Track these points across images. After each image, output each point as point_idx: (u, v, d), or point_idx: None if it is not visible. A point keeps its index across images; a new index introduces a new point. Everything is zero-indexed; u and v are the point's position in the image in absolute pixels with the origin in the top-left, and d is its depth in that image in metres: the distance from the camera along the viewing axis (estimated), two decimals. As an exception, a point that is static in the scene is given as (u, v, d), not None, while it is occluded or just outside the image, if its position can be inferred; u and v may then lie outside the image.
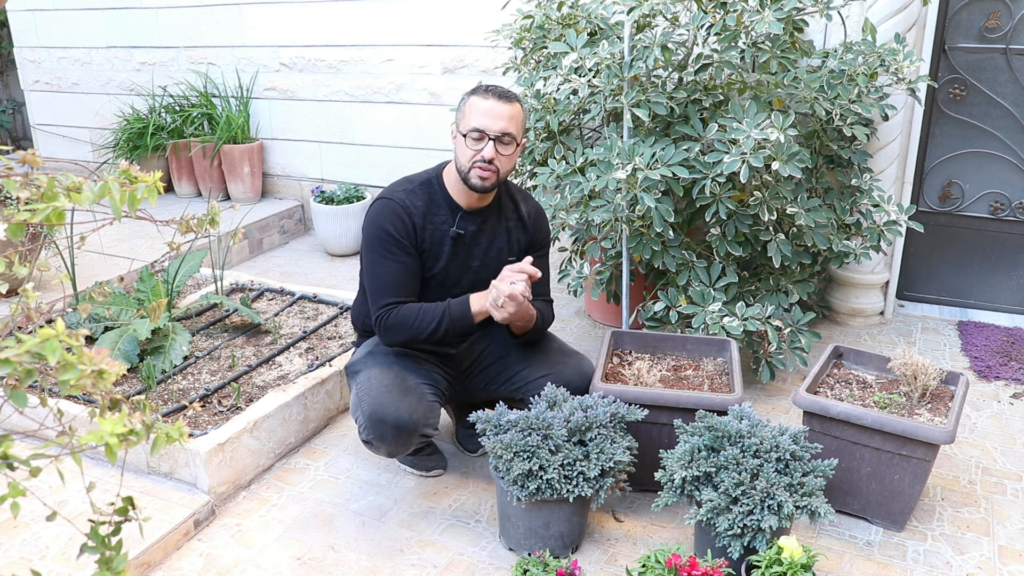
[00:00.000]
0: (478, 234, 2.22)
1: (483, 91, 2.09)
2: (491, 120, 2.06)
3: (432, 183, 2.21)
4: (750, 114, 2.47)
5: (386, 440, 2.09)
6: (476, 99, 2.08)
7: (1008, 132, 3.28)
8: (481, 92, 2.09)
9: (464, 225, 2.19)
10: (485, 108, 2.06)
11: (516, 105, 2.09)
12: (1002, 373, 2.99)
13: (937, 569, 2.02)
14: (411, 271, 2.16)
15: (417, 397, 2.12)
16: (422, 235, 2.16)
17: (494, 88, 2.10)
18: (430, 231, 2.17)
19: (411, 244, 2.15)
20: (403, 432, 2.07)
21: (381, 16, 4.25)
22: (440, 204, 2.19)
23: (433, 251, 2.19)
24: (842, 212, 2.89)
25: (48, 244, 3.21)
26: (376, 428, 2.07)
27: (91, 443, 0.86)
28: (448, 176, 2.21)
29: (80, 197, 0.86)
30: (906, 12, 3.03)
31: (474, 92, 2.11)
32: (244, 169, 4.71)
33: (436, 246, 2.18)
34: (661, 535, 2.14)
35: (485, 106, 2.06)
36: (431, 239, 2.18)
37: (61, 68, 5.36)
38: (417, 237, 2.16)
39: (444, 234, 2.18)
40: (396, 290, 2.14)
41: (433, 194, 2.20)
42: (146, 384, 2.56)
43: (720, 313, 2.59)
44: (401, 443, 2.10)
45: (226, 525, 2.19)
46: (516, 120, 2.09)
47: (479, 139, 2.07)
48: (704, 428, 1.97)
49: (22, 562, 1.96)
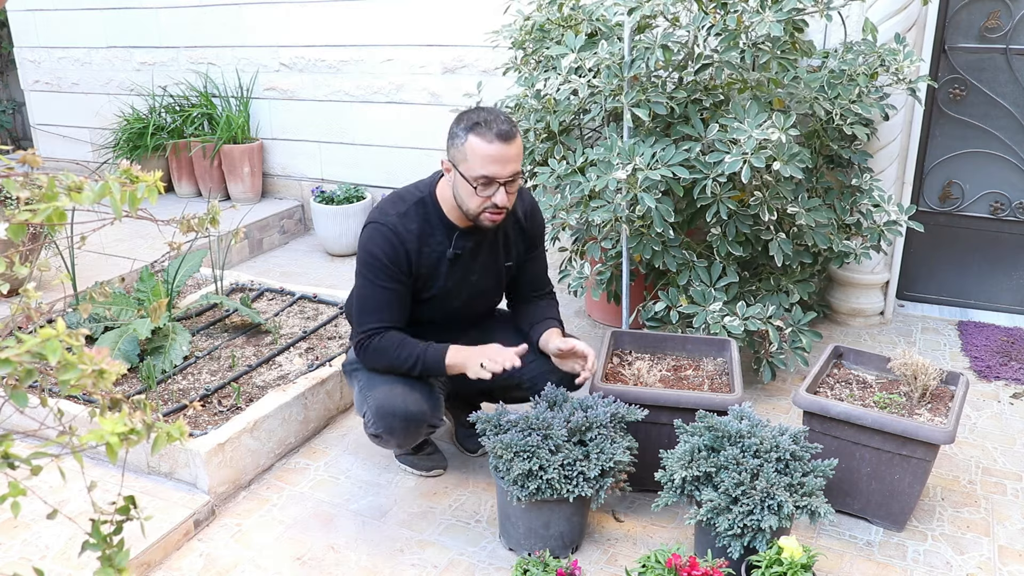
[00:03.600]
0: (476, 250, 2.17)
1: (483, 131, 1.94)
2: (500, 167, 1.96)
3: (426, 203, 2.12)
4: (751, 114, 2.47)
5: (395, 433, 2.11)
6: (478, 143, 1.94)
7: (1008, 132, 3.28)
8: (481, 133, 1.95)
9: (461, 244, 2.13)
10: (491, 155, 1.94)
11: (518, 138, 1.99)
12: (1002, 373, 2.99)
13: (937, 569, 2.02)
14: (399, 297, 2.12)
15: (422, 390, 2.14)
16: (417, 261, 2.10)
17: (493, 125, 1.95)
18: (426, 254, 2.11)
19: (403, 272, 2.09)
20: (412, 423, 2.10)
21: (381, 16, 4.25)
22: (435, 225, 2.12)
23: (430, 274, 2.14)
24: (842, 212, 2.89)
25: (48, 244, 3.21)
26: (385, 421, 2.09)
27: (92, 442, 0.86)
28: (443, 195, 2.12)
29: (81, 197, 0.86)
30: (906, 12, 3.03)
31: (472, 131, 1.96)
32: (244, 169, 4.71)
33: (433, 268, 2.13)
34: (661, 535, 2.14)
35: (491, 152, 1.94)
36: (427, 262, 2.12)
37: (61, 68, 5.36)
38: (411, 264, 2.10)
39: (440, 256, 2.13)
40: (381, 315, 2.11)
41: (428, 215, 2.12)
42: (146, 384, 2.56)
43: (721, 313, 2.59)
44: (410, 435, 2.14)
45: (226, 525, 2.19)
46: (520, 153, 2.01)
47: (488, 185, 1.98)
48: (704, 428, 1.97)
49: (23, 561, 1.96)
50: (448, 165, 2.05)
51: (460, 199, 2.05)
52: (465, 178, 1.99)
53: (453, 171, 2.03)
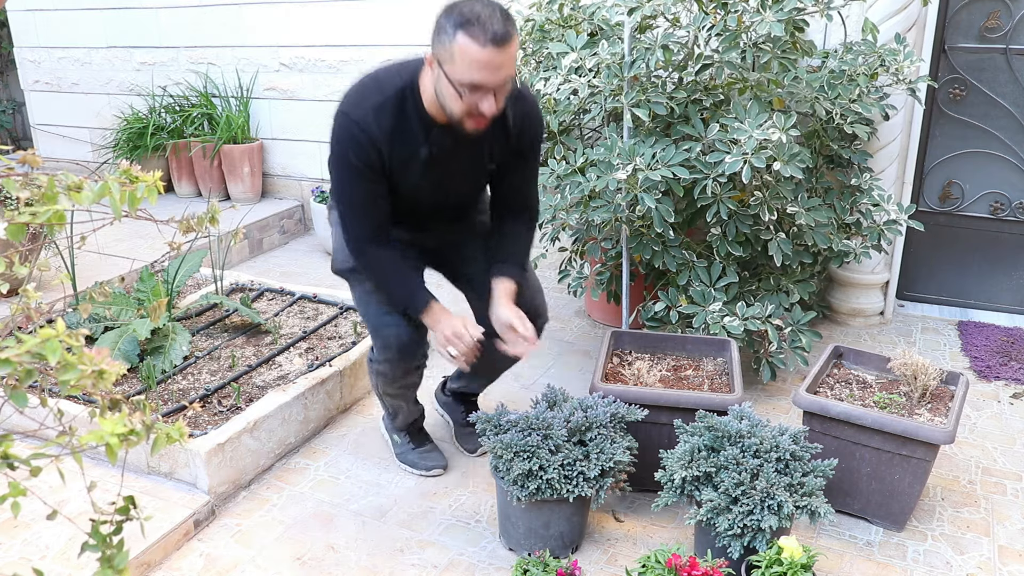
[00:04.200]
0: (455, 148, 1.96)
1: (476, 32, 1.68)
2: (491, 73, 1.72)
3: (405, 96, 1.88)
4: (751, 114, 2.47)
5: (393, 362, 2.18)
6: (468, 44, 1.69)
7: (1008, 132, 3.28)
8: (473, 34, 1.68)
9: (439, 142, 1.93)
10: (482, 60, 1.69)
11: (515, 39, 1.73)
12: (1002, 373, 2.99)
13: (937, 569, 2.02)
14: (381, 194, 1.97)
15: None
16: (389, 158, 1.92)
17: (488, 26, 1.68)
18: (398, 151, 1.92)
19: (375, 171, 1.93)
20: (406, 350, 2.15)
21: (381, 16, 4.25)
22: (412, 119, 1.89)
23: (402, 170, 1.96)
24: (842, 212, 2.89)
25: (48, 244, 3.21)
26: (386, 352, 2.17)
27: (91, 443, 0.86)
28: (424, 87, 1.88)
29: (80, 197, 0.86)
30: (906, 12, 3.03)
31: (463, 29, 1.69)
32: (244, 169, 4.71)
33: (404, 165, 1.95)
34: (661, 535, 2.14)
35: (482, 58, 1.69)
36: (399, 159, 1.93)
37: (61, 68, 5.36)
38: (384, 162, 1.92)
39: (414, 152, 1.93)
40: (368, 214, 1.99)
41: (406, 108, 1.89)
42: (146, 384, 2.56)
43: (721, 313, 2.59)
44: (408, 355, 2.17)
45: (226, 525, 2.19)
46: (515, 55, 1.77)
47: (476, 91, 1.75)
48: (704, 428, 1.97)
49: (23, 562, 1.96)
50: (431, 59, 1.79)
51: (442, 99, 1.82)
52: (450, 80, 1.75)
53: (436, 67, 1.77)
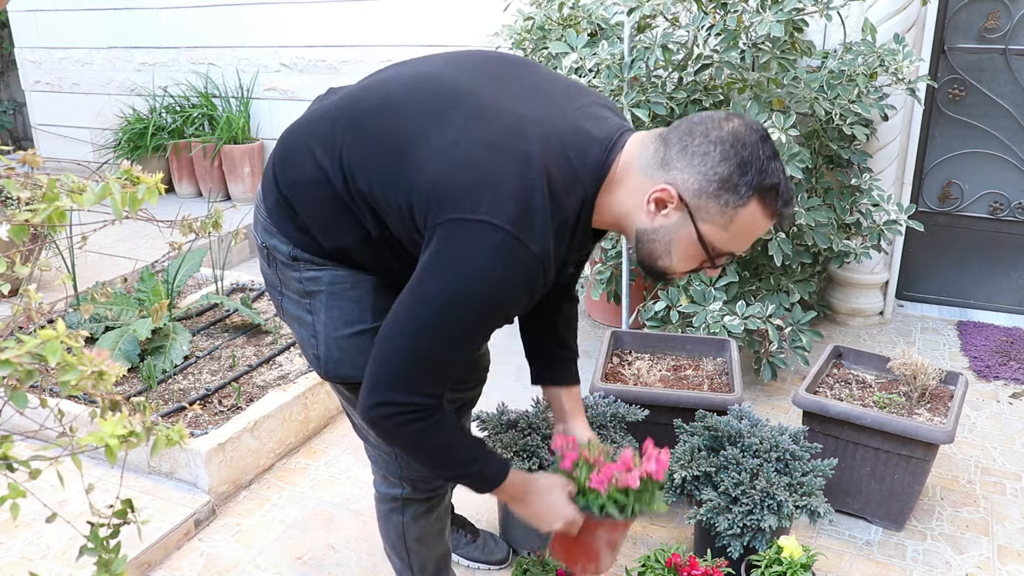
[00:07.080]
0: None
1: (774, 202, 1.25)
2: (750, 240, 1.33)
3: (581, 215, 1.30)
4: (751, 114, 2.47)
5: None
6: (760, 217, 1.25)
7: (1007, 132, 3.28)
8: (770, 203, 1.25)
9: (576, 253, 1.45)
10: (764, 229, 1.29)
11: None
12: (1001, 373, 2.99)
13: (936, 569, 2.02)
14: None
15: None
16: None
17: (785, 194, 1.26)
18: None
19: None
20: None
21: (381, 16, 4.25)
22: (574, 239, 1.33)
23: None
24: (842, 212, 2.89)
25: (49, 244, 3.21)
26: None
27: (91, 444, 0.86)
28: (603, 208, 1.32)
29: (82, 199, 0.86)
30: (906, 12, 3.03)
31: (762, 194, 1.23)
32: (244, 169, 4.71)
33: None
34: (661, 535, 2.15)
35: (764, 228, 1.29)
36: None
37: (62, 68, 5.36)
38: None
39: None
40: (439, 377, 1.31)
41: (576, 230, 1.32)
42: (147, 384, 2.56)
43: (721, 312, 2.60)
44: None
45: (226, 525, 2.19)
46: None
47: (724, 256, 1.32)
48: (704, 428, 1.97)
49: (23, 562, 1.96)
50: (676, 201, 1.25)
51: (662, 250, 1.31)
52: (704, 243, 1.28)
53: (683, 217, 1.26)
